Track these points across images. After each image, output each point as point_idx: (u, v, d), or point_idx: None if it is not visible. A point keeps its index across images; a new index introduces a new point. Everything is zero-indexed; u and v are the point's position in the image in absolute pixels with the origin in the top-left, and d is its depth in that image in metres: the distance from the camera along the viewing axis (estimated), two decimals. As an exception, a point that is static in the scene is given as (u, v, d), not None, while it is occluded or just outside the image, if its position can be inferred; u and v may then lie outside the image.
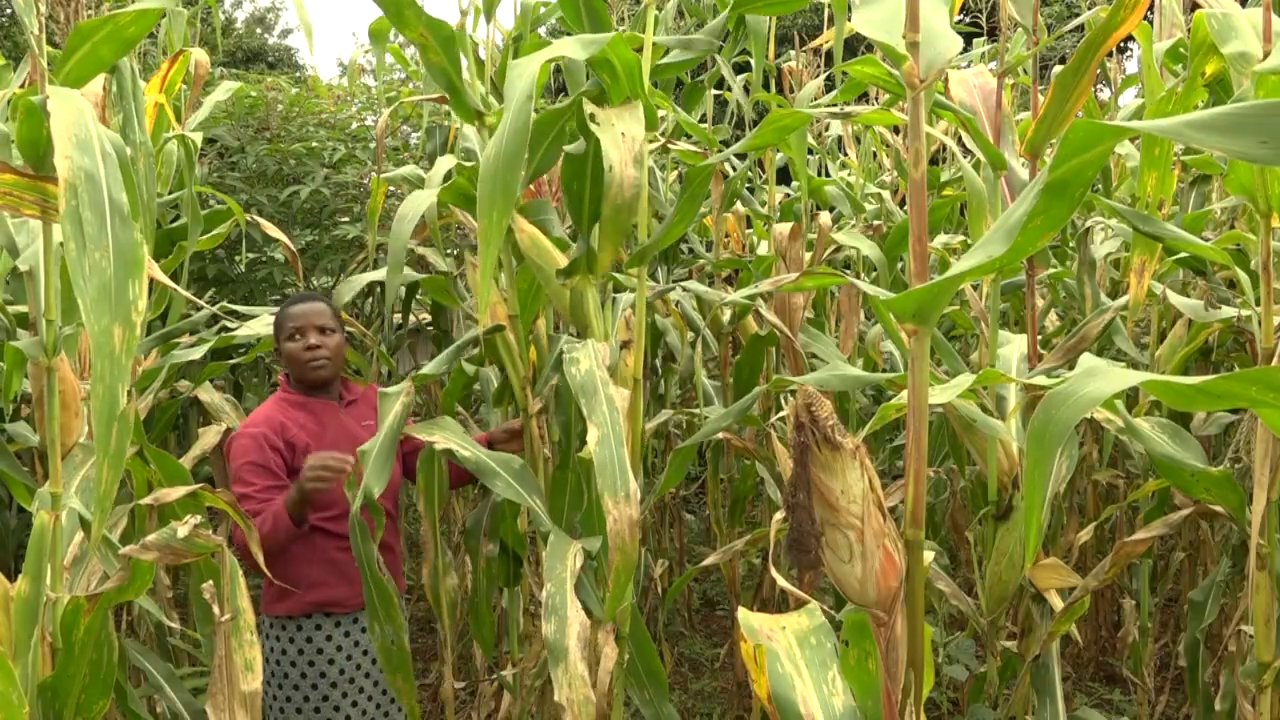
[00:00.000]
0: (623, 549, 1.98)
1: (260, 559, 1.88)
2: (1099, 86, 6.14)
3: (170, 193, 3.54)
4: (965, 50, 5.31)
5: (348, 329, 3.37)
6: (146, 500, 1.77)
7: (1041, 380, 1.94)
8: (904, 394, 1.96)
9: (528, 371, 2.64)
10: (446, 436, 2.45)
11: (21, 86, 2.96)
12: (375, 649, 2.40)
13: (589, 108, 2.17)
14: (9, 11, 10.72)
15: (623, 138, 2.09)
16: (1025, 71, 4.00)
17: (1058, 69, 2.94)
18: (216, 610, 1.49)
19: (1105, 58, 2.49)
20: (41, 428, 2.29)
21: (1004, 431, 2.29)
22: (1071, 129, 1.12)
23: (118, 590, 1.63)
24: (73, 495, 1.82)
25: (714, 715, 4.19)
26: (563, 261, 2.47)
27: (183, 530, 1.54)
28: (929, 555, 1.44)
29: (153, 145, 3.16)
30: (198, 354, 3.18)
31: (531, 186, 2.93)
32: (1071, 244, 4.05)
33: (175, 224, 3.55)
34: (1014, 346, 2.73)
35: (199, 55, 3.61)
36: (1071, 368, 2.38)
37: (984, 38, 5.72)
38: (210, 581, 1.51)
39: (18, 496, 2.40)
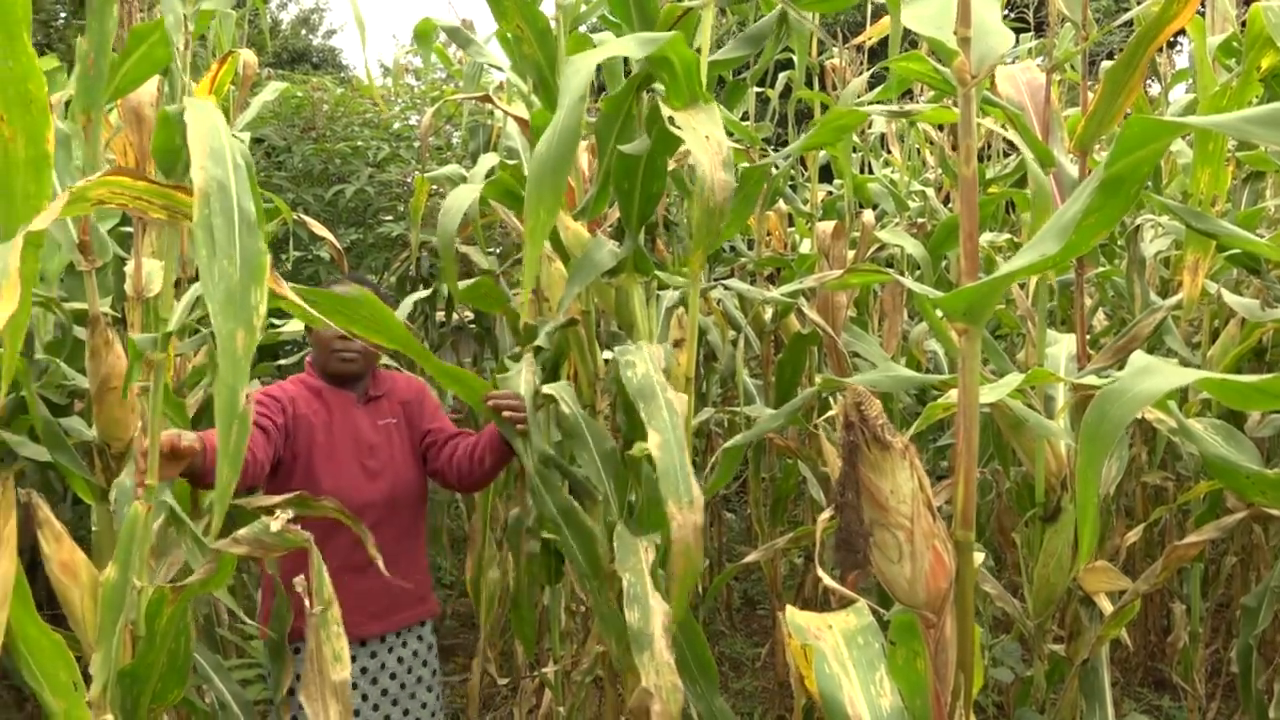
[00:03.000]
0: (686, 554, 1.97)
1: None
2: (1148, 81, 6.04)
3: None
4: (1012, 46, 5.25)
5: None
6: (257, 503, 1.82)
7: (1092, 380, 1.92)
8: (951, 393, 1.95)
9: (597, 368, 2.65)
10: (560, 390, 2.47)
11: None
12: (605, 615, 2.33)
13: (665, 110, 2.16)
14: (63, 16, 10.94)
15: (707, 141, 2.07)
16: (1073, 67, 3.95)
17: (1106, 64, 2.90)
18: (308, 604, 1.52)
19: (1156, 52, 2.45)
20: (98, 422, 2.33)
21: (1055, 431, 2.26)
22: (1127, 125, 1.10)
23: (202, 582, 1.68)
24: (165, 488, 1.87)
25: (755, 715, 4.18)
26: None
27: (275, 525, 1.58)
28: (978, 557, 1.43)
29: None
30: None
31: (572, 183, 2.94)
32: (1120, 242, 3.99)
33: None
34: (1062, 346, 2.69)
35: (247, 56, 3.66)
36: (1121, 368, 2.35)
37: (1031, 33, 5.65)
38: (301, 576, 1.55)
39: (76, 489, 2.45)
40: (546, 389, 2.47)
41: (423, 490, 2.75)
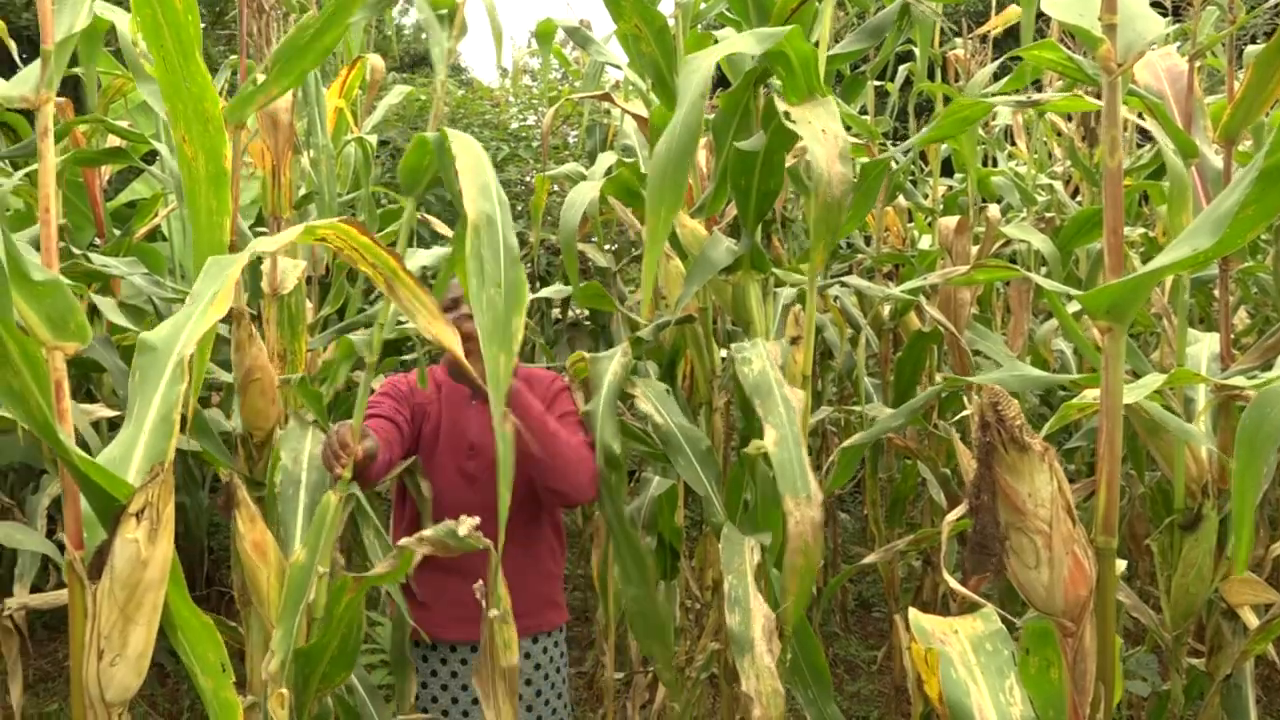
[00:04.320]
0: (805, 550, 1.95)
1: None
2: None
3: (348, 192, 3.72)
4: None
5: None
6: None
7: (1240, 381, 1.83)
8: (1086, 393, 1.88)
9: (714, 365, 2.65)
10: (647, 394, 2.45)
11: (224, 95, 3.17)
12: (628, 611, 2.29)
13: (780, 105, 2.15)
14: (202, 26, 11.46)
15: (824, 134, 2.05)
16: (1215, 53, 3.75)
17: (1251, 49, 2.75)
18: (484, 604, 1.59)
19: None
20: (242, 412, 2.44)
21: (1196, 435, 2.15)
22: (1291, 112, 1.04)
23: (383, 575, 1.76)
24: (351, 483, 1.97)
25: (870, 719, 4.11)
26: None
27: (462, 529, 1.64)
28: (1119, 564, 1.37)
29: (333, 147, 3.33)
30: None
31: (690, 181, 2.94)
32: (1265, 236, 3.78)
33: (352, 222, 3.73)
34: (1203, 345, 2.57)
35: (374, 61, 3.78)
36: (1268, 368, 2.22)
37: (1169, 17, 5.39)
38: (480, 582, 1.62)
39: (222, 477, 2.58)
40: (639, 398, 2.45)
41: (534, 496, 2.49)
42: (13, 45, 3.63)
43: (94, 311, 3.47)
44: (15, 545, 2.76)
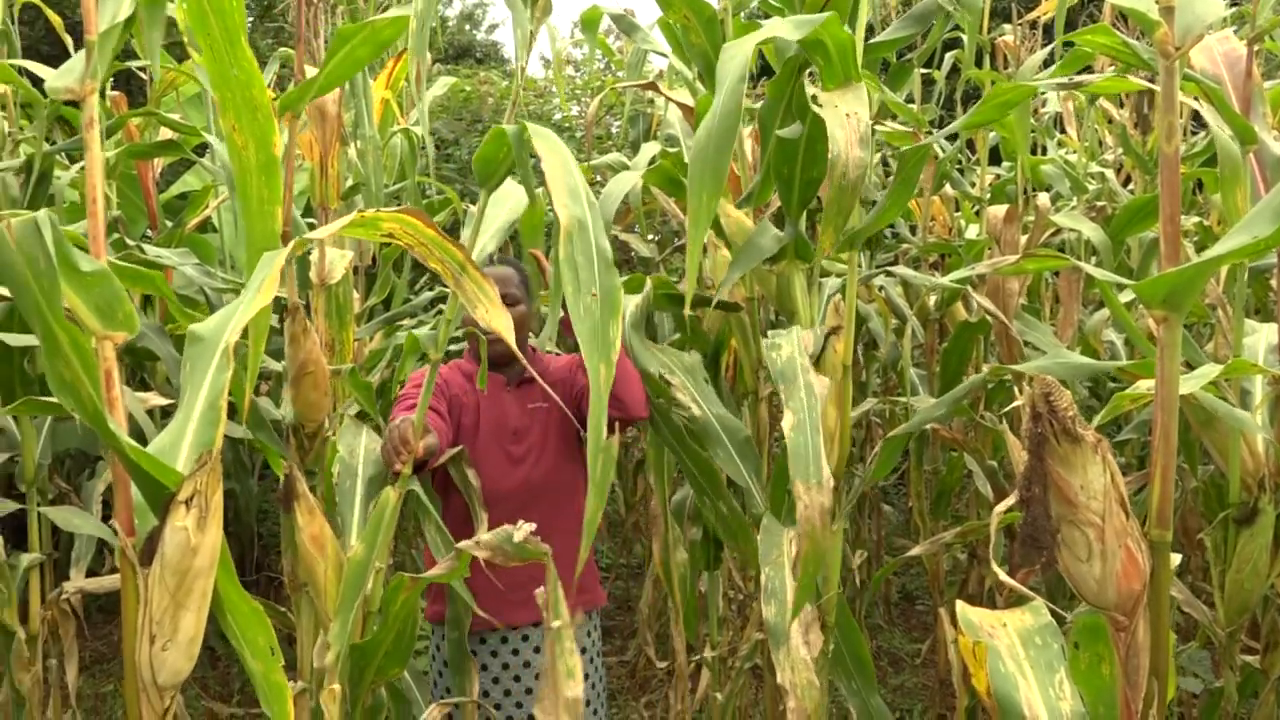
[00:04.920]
0: (811, 535, 1.92)
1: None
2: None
3: (394, 183, 3.75)
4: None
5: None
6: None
7: (1299, 373, 1.78)
8: (1139, 385, 1.85)
9: (759, 355, 2.63)
10: (685, 383, 2.45)
11: (273, 86, 3.20)
12: (713, 525, 2.31)
13: (811, 90, 2.13)
14: (251, 20, 11.61)
15: (848, 118, 2.03)
16: (1274, 37, 3.66)
17: (1314, 31, 2.68)
18: (546, 617, 1.55)
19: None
20: (295, 404, 2.46)
21: (1254, 427, 2.11)
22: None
23: (441, 575, 1.78)
24: (412, 480, 1.99)
25: (914, 712, 4.09)
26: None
27: (518, 535, 1.64)
28: (1174, 559, 1.34)
29: (380, 139, 3.36)
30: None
31: (737, 171, 2.92)
32: (1326, 224, 3.68)
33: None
34: (1260, 336, 2.51)
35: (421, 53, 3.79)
36: (1329, 360, 2.17)
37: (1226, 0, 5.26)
38: (542, 588, 1.58)
39: (273, 465, 2.61)
40: (676, 388, 2.44)
41: (576, 478, 2.65)
42: (68, 40, 3.70)
43: (147, 301, 3.54)
44: (72, 529, 2.83)
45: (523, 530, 1.62)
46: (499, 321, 1.49)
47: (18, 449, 2.86)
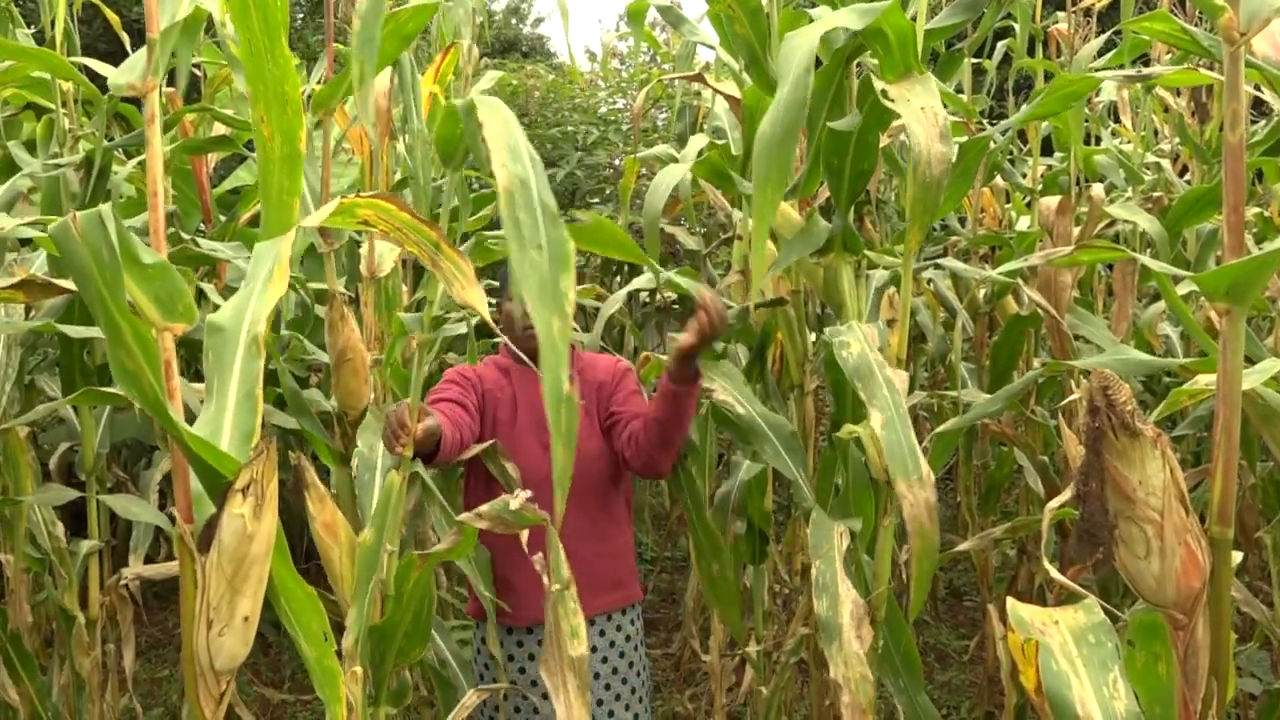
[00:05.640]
0: (922, 533, 1.90)
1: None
2: None
3: (441, 177, 3.77)
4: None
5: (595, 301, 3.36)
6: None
7: (1366, 367, 1.73)
8: (1197, 379, 1.81)
9: (806, 349, 2.63)
10: (725, 386, 2.44)
11: (319, 82, 3.24)
12: (702, 584, 2.37)
13: (878, 83, 2.11)
14: (300, 16, 11.76)
15: (923, 112, 2.01)
16: (1340, 21, 3.55)
17: (1384, 16, 2.60)
18: (546, 580, 1.56)
19: None
20: (336, 391, 2.50)
21: (1317, 424, 2.05)
22: None
23: (447, 551, 1.79)
24: (414, 461, 2.01)
25: (961, 709, 4.05)
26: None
27: (514, 504, 1.65)
28: (1235, 556, 1.32)
29: (428, 133, 3.38)
30: (463, 329, 3.38)
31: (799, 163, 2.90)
32: (1393, 215, 3.58)
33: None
34: (1324, 330, 2.45)
35: (470, 47, 3.81)
36: (1397, 355, 2.10)
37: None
38: (540, 554, 1.60)
39: (319, 453, 2.65)
40: (716, 395, 2.45)
41: (611, 471, 2.65)
42: (125, 37, 3.77)
43: (200, 295, 3.59)
44: (130, 517, 2.90)
45: (519, 498, 1.63)
46: (473, 297, 1.49)
47: (78, 438, 2.94)
